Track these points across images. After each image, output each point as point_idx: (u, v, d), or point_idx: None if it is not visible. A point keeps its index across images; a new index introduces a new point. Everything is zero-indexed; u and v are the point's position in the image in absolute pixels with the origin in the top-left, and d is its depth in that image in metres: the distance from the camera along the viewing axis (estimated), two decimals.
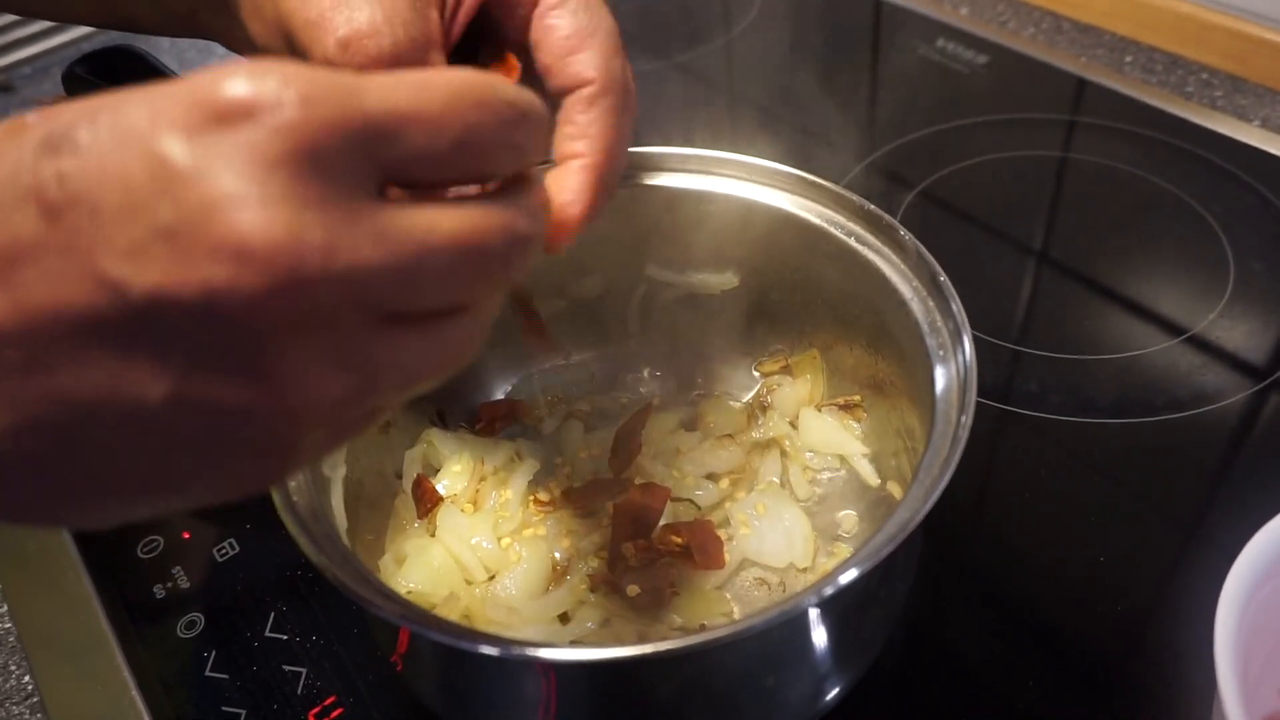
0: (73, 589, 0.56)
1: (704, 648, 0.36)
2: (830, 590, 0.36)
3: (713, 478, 0.55)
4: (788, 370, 0.59)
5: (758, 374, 0.60)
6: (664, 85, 0.95)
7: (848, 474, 0.55)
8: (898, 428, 0.51)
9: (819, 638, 0.43)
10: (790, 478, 0.55)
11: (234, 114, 0.23)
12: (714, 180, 0.54)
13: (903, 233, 0.49)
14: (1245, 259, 0.71)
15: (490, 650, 0.36)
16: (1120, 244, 0.74)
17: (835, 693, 0.45)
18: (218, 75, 0.24)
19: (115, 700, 0.51)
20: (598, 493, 0.54)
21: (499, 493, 0.54)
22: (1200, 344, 0.66)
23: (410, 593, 0.48)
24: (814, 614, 0.41)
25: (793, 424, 0.57)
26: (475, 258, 0.26)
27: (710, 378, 0.61)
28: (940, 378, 0.44)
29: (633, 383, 0.62)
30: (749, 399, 0.60)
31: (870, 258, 0.50)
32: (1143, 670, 0.50)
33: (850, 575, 0.37)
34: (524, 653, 0.36)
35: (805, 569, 0.51)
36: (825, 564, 0.52)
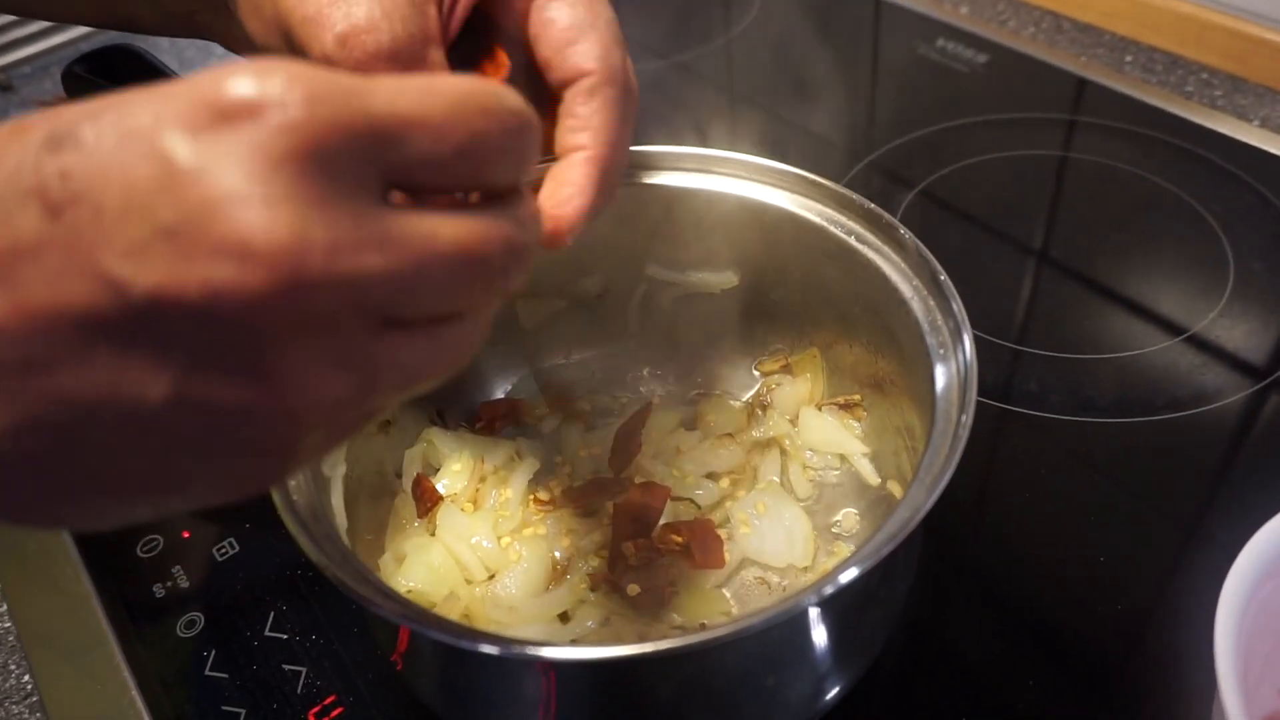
0: (72, 588, 0.56)
1: (704, 647, 0.36)
2: (830, 589, 0.36)
3: (713, 477, 0.55)
4: (788, 369, 0.59)
5: (758, 373, 0.60)
6: (665, 84, 0.95)
7: (848, 473, 0.55)
8: (898, 427, 0.51)
9: (819, 637, 0.43)
10: (790, 477, 0.55)
11: (238, 113, 0.23)
12: (714, 179, 0.54)
13: (903, 231, 0.49)
14: (1245, 258, 0.71)
15: (490, 649, 0.36)
16: (1120, 243, 0.74)
17: (835, 692, 0.45)
18: (222, 75, 0.24)
19: (115, 699, 0.51)
20: (598, 492, 0.54)
21: (499, 492, 0.54)
22: (1200, 343, 0.66)
23: (410, 592, 0.48)
24: (814, 613, 0.41)
25: (793, 423, 0.57)
26: (475, 266, 0.27)
27: (710, 377, 0.61)
28: (941, 376, 0.44)
29: (633, 382, 0.62)
30: (749, 398, 0.60)
31: (870, 256, 0.50)
32: (1143, 669, 0.50)
33: (850, 574, 0.36)
34: (524, 651, 0.36)
35: (805, 568, 0.51)
36: (825, 563, 0.52)
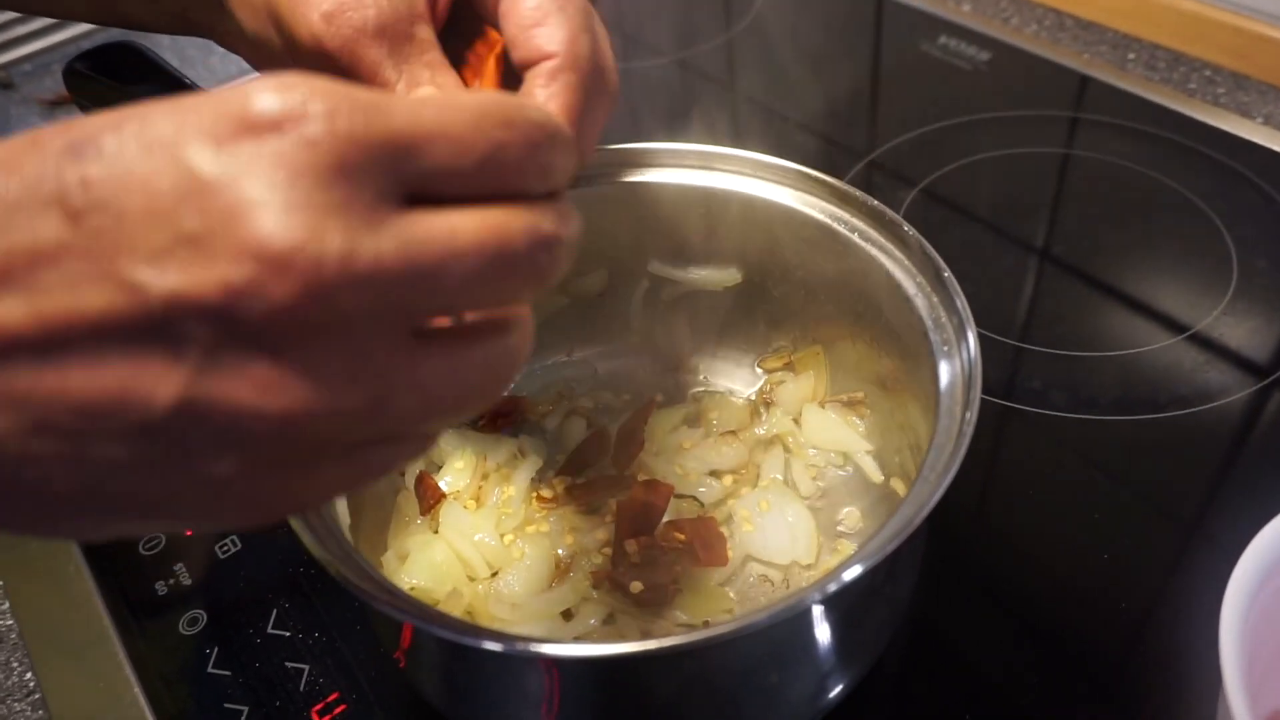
0: (75, 586, 0.56)
1: (707, 644, 0.36)
2: (834, 587, 0.36)
3: (716, 474, 0.55)
4: (791, 367, 0.59)
5: (761, 370, 0.60)
6: (667, 82, 0.94)
7: (851, 470, 0.55)
8: (901, 424, 0.51)
9: (822, 635, 0.43)
10: (793, 474, 0.55)
11: (261, 126, 0.24)
12: (717, 176, 0.54)
13: (906, 228, 0.49)
14: (1248, 256, 0.71)
15: (494, 646, 0.36)
16: (1123, 241, 0.74)
17: (839, 690, 0.45)
18: (246, 89, 0.24)
19: (117, 697, 0.51)
20: (601, 489, 0.54)
21: (502, 489, 0.53)
22: (1203, 341, 0.66)
23: (413, 589, 0.48)
24: (817, 611, 0.41)
25: (796, 420, 0.57)
26: (500, 259, 0.26)
27: (713, 374, 0.61)
28: (944, 374, 0.44)
29: (635, 379, 0.62)
30: (752, 395, 0.60)
31: (874, 254, 0.50)
32: (1146, 667, 0.50)
33: (854, 572, 0.36)
34: (527, 648, 0.36)
35: (808, 566, 0.51)
36: (828, 561, 0.52)
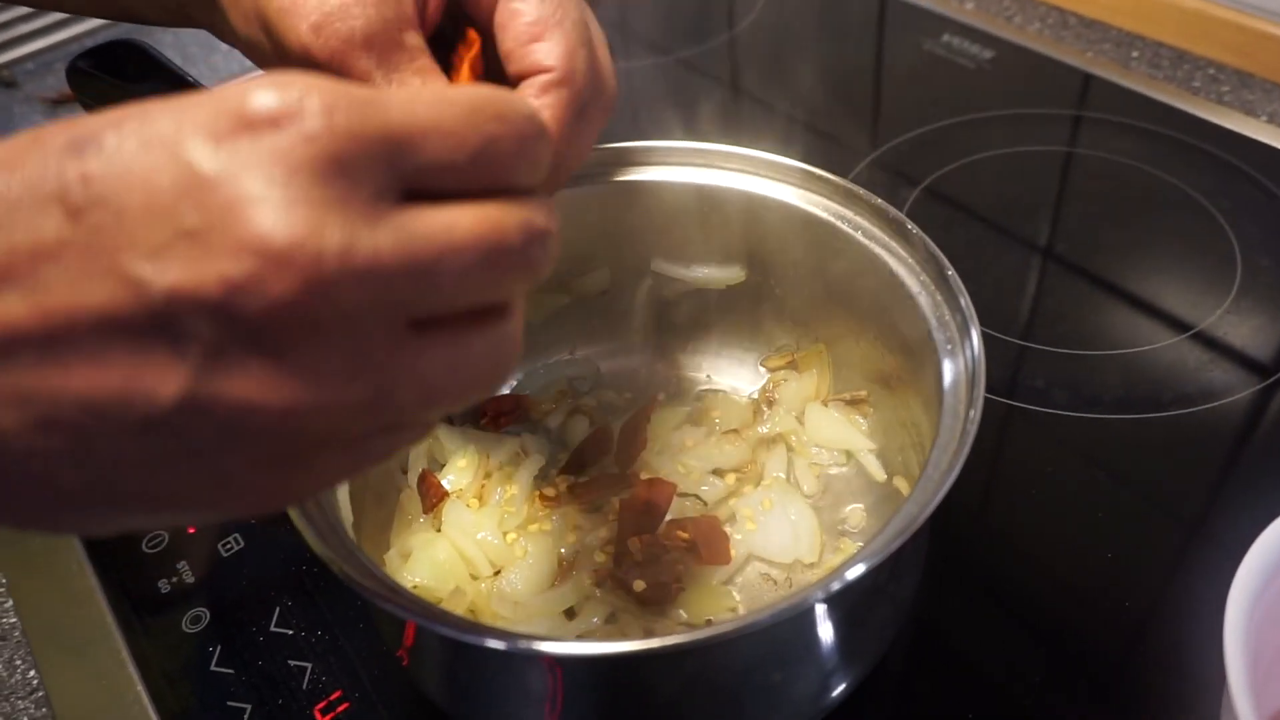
0: (78, 584, 0.56)
1: (710, 643, 0.36)
2: (838, 586, 0.36)
3: (719, 473, 0.55)
4: (794, 365, 0.59)
5: (764, 369, 0.60)
6: (669, 80, 0.94)
7: (854, 469, 0.55)
8: (904, 422, 0.51)
9: (825, 633, 0.43)
10: (796, 473, 0.55)
11: (259, 123, 0.24)
12: (720, 174, 0.54)
13: (910, 227, 0.48)
14: (1252, 254, 0.71)
15: (496, 644, 0.36)
16: (1126, 239, 0.74)
17: (842, 689, 0.45)
18: (244, 87, 0.24)
19: (120, 695, 0.51)
20: (603, 488, 0.54)
21: (504, 488, 0.53)
22: (1207, 340, 0.65)
23: (416, 587, 0.48)
24: (821, 609, 0.41)
25: (799, 419, 0.57)
26: (495, 253, 0.27)
27: (716, 372, 0.61)
28: (948, 372, 0.44)
29: (638, 377, 0.62)
30: (755, 394, 0.60)
31: (877, 252, 0.50)
32: (1149, 667, 0.50)
33: (857, 571, 0.36)
34: (530, 647, 0.36)
35: (811, 564, 0.51)
36: (831, 559, 0.52)
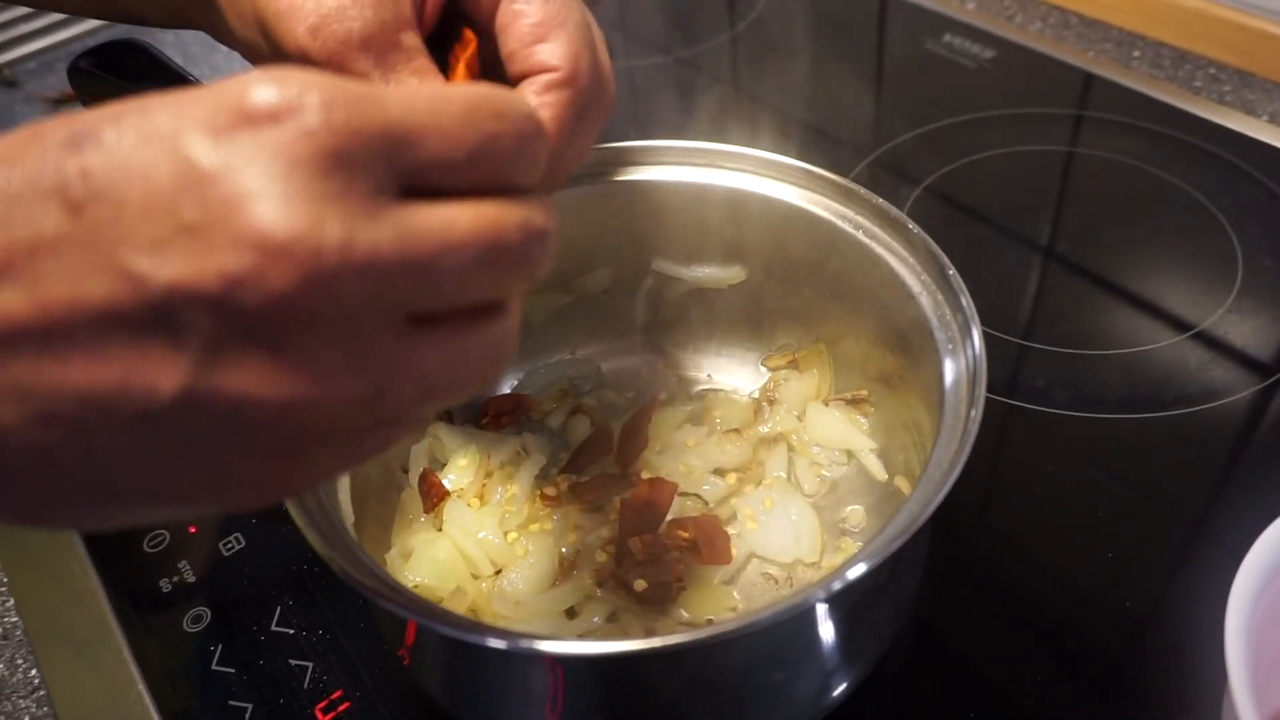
0: (79, 583, 0.56)
1: (711, 643, 0.36)
2: (838, 586, 0.36)
3: (719, 472, 0.55)
4: (795, 365, 0.59)
5: (764, 368, 0.60)
6: (670, 79, 0.94)
7: (855, 469, 0.55)
8: (905, 422, 0.51)
9: (826, 633, 0.43)
10: (797, 472, 0.55)
11: (258, 118, 0.24)
12: (721, 174, 0.54)
13: (911, 226, 0.48)
14: (1253, 254, 0.71)
15: (497, 644, 0.36)
16: (1127, 239, 0.74)
17: (843, 688, 0.45)
18: (243, 81, 0.25)
19: (121, 694, 0.51)
20: (604, 487, 0.54)
21: (505, 487, 0.53)
22: (1208, 340, 0.65)
23: (417, 587, 0.48)
24: (822, 609, 0.41)
25: (800, 418, 0.57)
26: (494, 251, 0.27)
27: (717, 372, 0.61)
28: (949, 371, 0.44)
29: (639, 377, 0.62)
30: (756, 393, 0.60)
31: (879, 251, 0.50)
32: (1150, 667, 0.50)
33: (858, 570, 0.36)
34: (531, 646, 0.36)
35: (812, 564, 0.51)
36: (832, 559, 0.52)
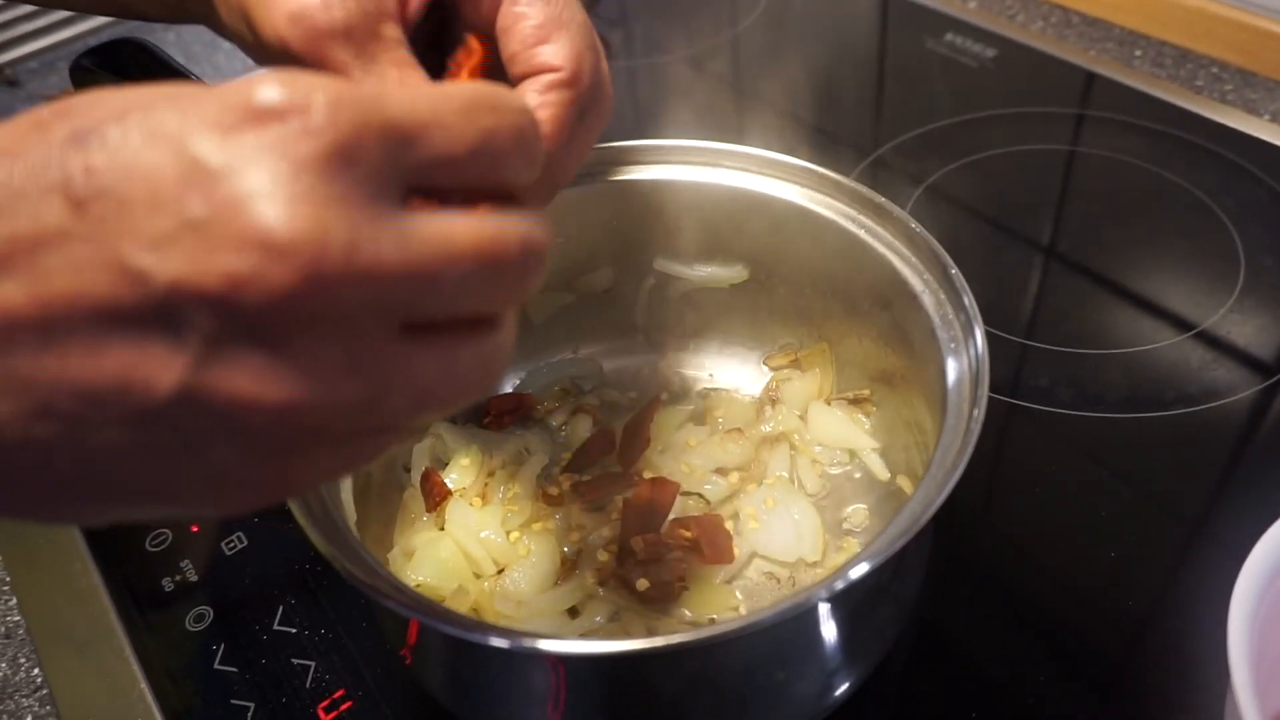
0: (81, 582, 0.56)
1: (713, 642, 0.36)
2: (840, 585, 0.36)
3: (722, 472, 0.55)
4: (797, 364, 0.59)
5: (767, 368, 0.60)
6: (672, 78, 0.94)
7: (857, 468, 0.55)
8: (908, 421, 0.51)
9: (828, 633, 0.43)
10: (799, 472, 0.55)
11: (263, 117, 0.24)
12: (723, 173, 0.54)
13: (914, 225, 0.48)
14: (1256, 254, 0.71)
15: (500, 643, 0.36)
16: (1129, 238, 0.74)
17: (845, 688, 0.45)
18: (248, 82, 0.25)
19: (124, 693, 0.51)
20: (606, 487, 0.54)
21: (507, 486, 0.53)
22: (1210, 339, 0.65)
23: (419, 586, 0.48)
24: (824, 609, 0.41)
25: (802, 418, 0.57)
26: (493, 266, 0.27)
27: (719, 371, 0.61)
28: (952, 371, 0.44)
29: (641, 376, 0.62)
30: (758, 393, 0.60)
31: (881, 251, 0.50)
32: (1152, 666, 0.50)
33: (861, 570, 0.36)
34: (533, 645, 0.36)
35: (814, 563, 0.51)
36: (834, 558, 0.52)
